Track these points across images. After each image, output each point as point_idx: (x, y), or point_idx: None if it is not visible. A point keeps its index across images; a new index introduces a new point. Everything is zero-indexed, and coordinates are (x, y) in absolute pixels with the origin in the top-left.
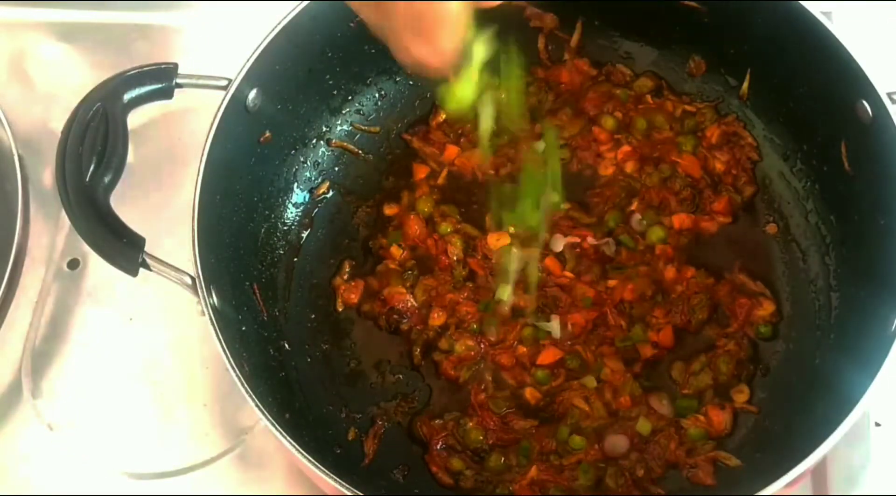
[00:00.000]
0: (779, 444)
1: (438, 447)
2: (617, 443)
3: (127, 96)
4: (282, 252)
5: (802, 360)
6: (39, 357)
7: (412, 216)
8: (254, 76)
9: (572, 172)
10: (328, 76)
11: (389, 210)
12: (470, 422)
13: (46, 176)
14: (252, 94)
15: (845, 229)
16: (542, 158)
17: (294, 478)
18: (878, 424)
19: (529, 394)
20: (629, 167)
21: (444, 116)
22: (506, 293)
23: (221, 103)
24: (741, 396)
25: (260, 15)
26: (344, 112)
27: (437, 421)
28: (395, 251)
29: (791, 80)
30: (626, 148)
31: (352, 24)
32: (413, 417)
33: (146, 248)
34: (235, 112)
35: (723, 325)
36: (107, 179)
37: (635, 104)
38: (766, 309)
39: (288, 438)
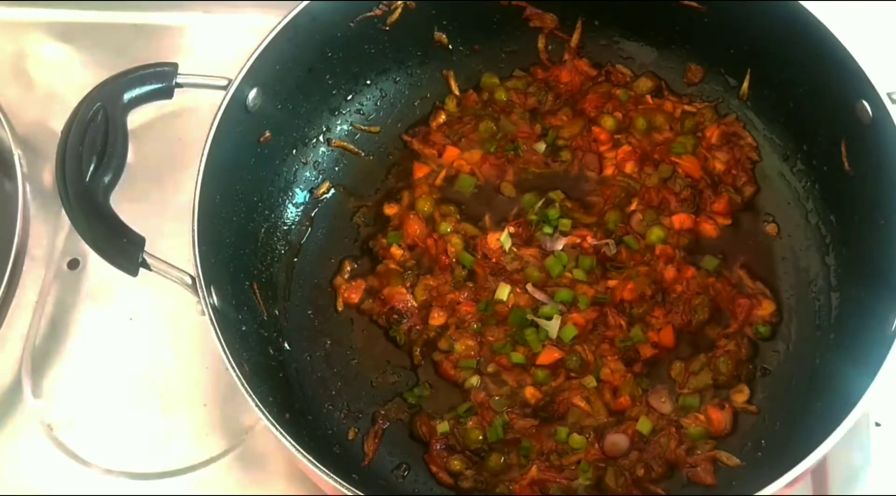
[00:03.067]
0: (779, 444)
1: (438, 447)
2: (617, 442)
3: (127, 96)
4: (282, 252)
5: (802, 360)
6: (39, 357)
7: (412, 216)
8: (254, 76)
9: (572, 172)
10: (328, 76)
11: (389, 210)
12: (470, 421)
13: (46, 176)
14: (252, 93)
15: (845, 229)
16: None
17: (294, 478)
18: (878, 424)
19: (529, 393)
20: (629, 167)
21: (444, 118)
22: (505, 293)
23: (221, 103)
24: (741, 396)
25: (260, 15)
26: (344, 112)
27: (436, 421)
28: (395, 251)
29: (791, 80)
30: (626, 148)
31: (352, 24)
32: (413, 417)
33: (146, 248)
34: (235, 112)
35: (723, 325)
36: (107, 179)
37: (635, 104)
38: (766, 309)
39: (288, 438)
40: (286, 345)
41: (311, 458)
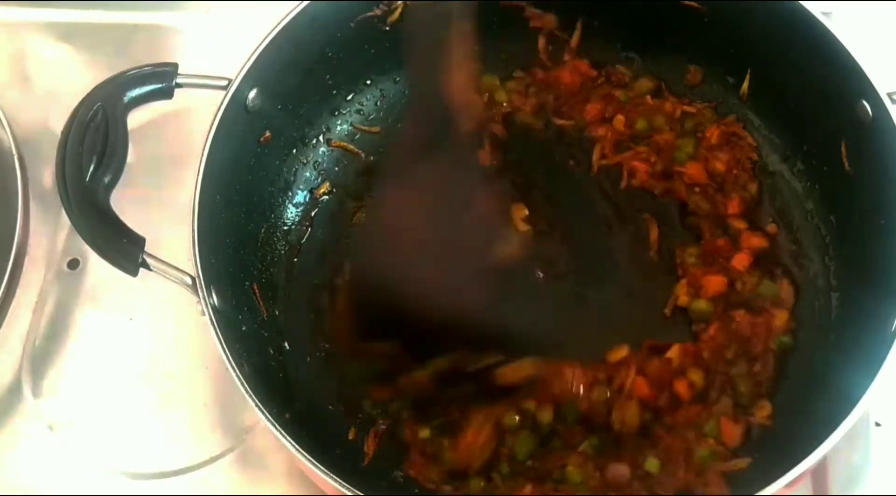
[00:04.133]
0: (779, 444)
1: (418, 455)
2: (619, 472)
3: (127, 96)
4: (282, 252)
5: (803, 360)
6: (39, 357)
7: None
8: (254, 76)
9: None
10: (328, 76)
11: None
12: (445, 441)
13: (46, 176)
14: (252, 94)
15: (845, 229)
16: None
17: (294, 478)
18: (878, 424)
19: None
20: None
21: None
22: None
23: (221, 103)
24: (763, 412)
25: (260, 15)
26: (344, 112)
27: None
28: None
29: (791, 80)
30: None
31: (352, 24)
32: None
33: (146, 248)
34: (235, 112)
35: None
36: (107, 179)
37: (635, 105)
38: (780, 318)
39: (288, 438)
40: (286, 345)
41: (311, 458)
